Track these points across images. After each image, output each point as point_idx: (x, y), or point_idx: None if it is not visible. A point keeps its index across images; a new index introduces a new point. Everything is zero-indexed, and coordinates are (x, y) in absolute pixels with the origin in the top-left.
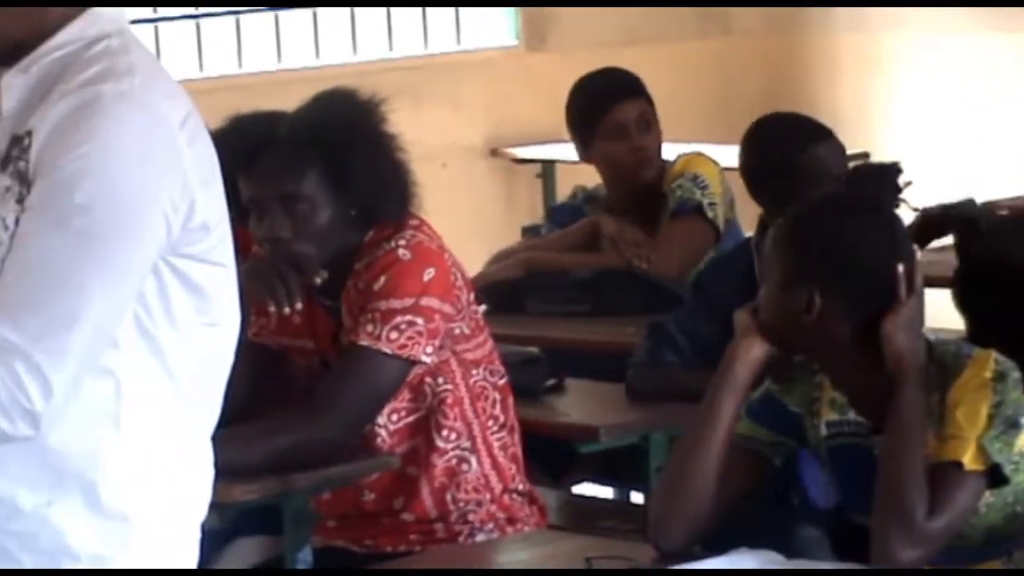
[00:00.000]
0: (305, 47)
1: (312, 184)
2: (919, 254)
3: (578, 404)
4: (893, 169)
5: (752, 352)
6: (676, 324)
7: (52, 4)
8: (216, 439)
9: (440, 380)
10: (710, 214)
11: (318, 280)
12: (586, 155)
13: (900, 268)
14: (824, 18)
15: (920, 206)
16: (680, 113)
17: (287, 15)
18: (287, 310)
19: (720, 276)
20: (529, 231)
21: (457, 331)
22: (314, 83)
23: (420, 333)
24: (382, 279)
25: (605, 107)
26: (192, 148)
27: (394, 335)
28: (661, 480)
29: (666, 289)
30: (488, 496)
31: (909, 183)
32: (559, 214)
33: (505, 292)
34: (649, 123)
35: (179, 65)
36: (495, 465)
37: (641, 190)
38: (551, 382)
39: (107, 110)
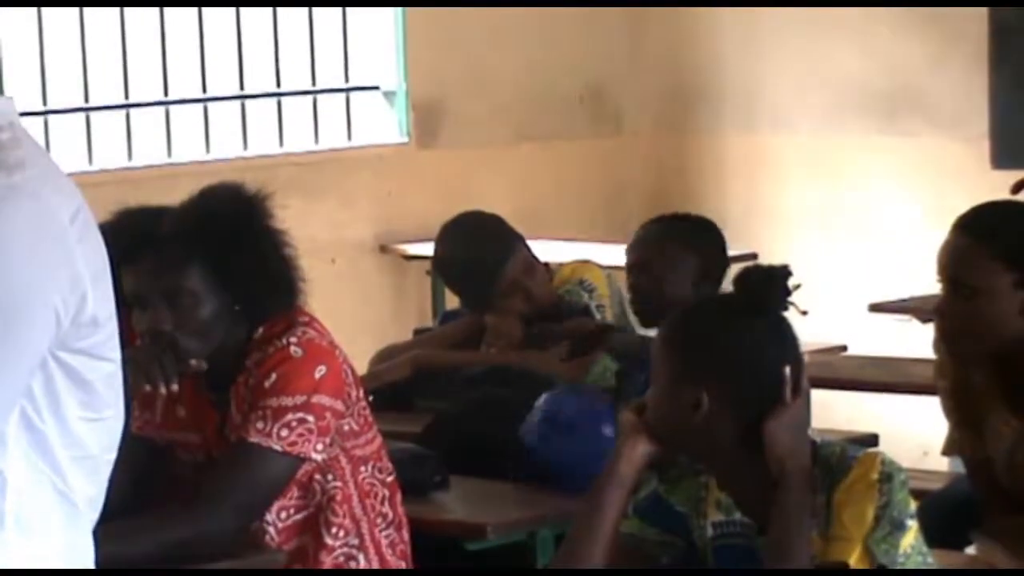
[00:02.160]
0: (195, 141)
1: (195, 279)
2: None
3: (465, 501)
4: (781, 272)
5: (637, 450)
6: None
7: None
8: (99, 533)
9: (329, 477)
10: (597, 316)
11: (194, 363)
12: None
13: (787, 370)
14: (713, 119)
15: (807, 309)
16: (569, 211)
17: (176, 109)
18: (163, 390)
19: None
20: (421, 333)
21: (347, 428)
22: (204, 177)
23: (311, 431)
24: (273, 376)
25: (494, 275)
26: (82, 243)
27: (284, 432)
28: None
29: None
30: None
31: (798, 286)
32: (451, 318)
33: (394, 391)
34: (532, 265)
35: (69, 158)
36: (383, 562)
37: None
38: (438, 478)
39: None
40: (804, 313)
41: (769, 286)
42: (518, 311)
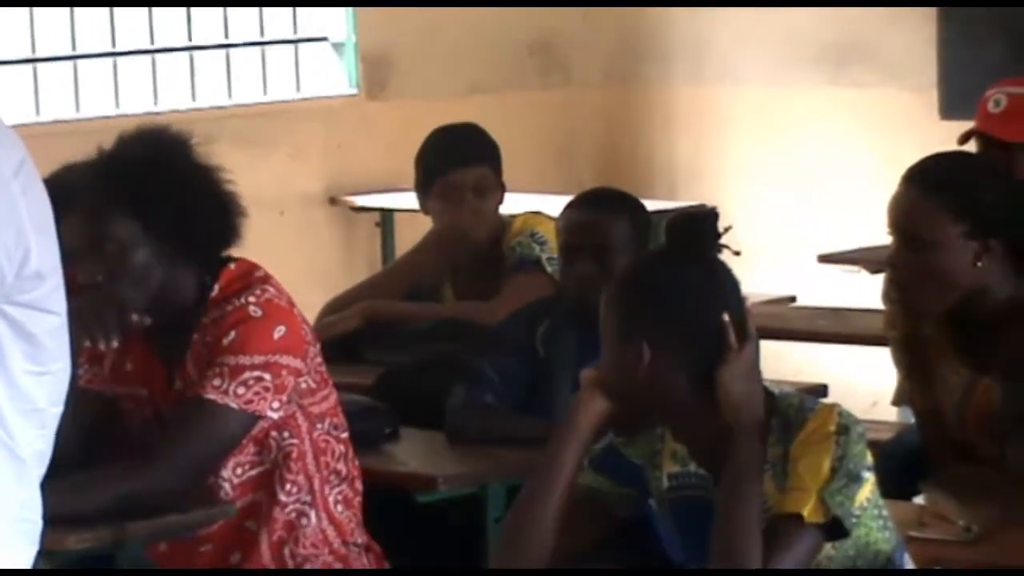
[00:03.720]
0: (143, 93)
1: (118, 226)
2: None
3: (416, 453)
4: (710, 215)
5: (593, 405)
6: (492, 365)
7: None
8: (47, 487)
9: (286, 434)
10: (548, 268)
11: (136, 319)
12: (423, 208)
13: (726, 316)
14: (663, 71)
15: (741, 251)
16: (519, 163)
17: (124, 61)
18: (102, 346)
19: (525, 322)
20: None
21: (303, 385)
22: None
23: (267, 388)
24: (232, 334)
25: (441, 169)
26: (26, 196)
27: (241, 390)
28: (502, 530)
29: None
30: (326, 550)
31: (728, 228)
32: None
33: (344, 342)
34: (485, 190)
35: (15, 110)
36: (332, 519)
37: (475, 250)
38: (388, 430)
39: None
40: (737, 254)
41: (698, 229)
42: (455, 222)
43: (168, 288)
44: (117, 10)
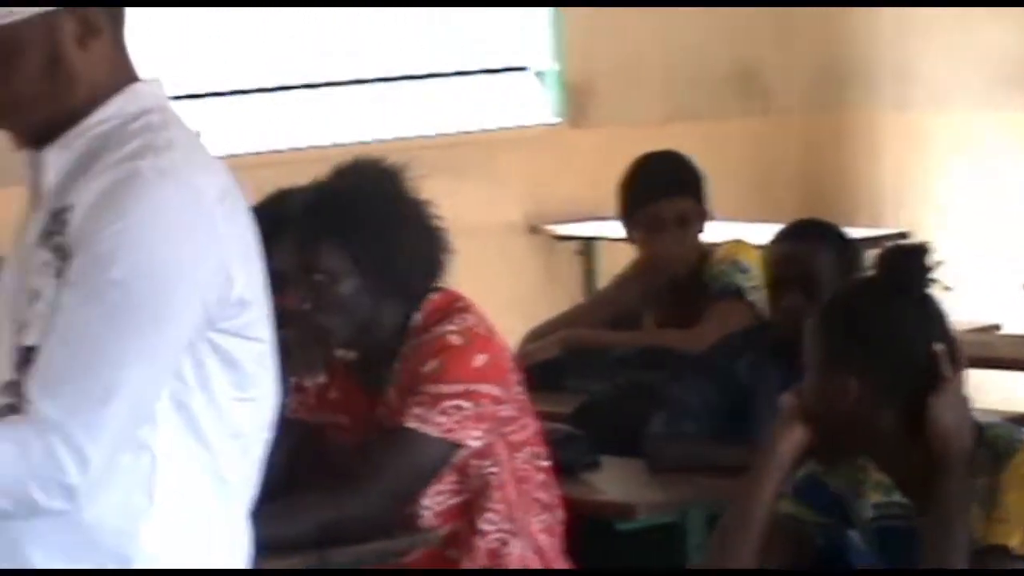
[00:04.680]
0: (350, 123)
1: (329, 256)
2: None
3: (615, 482)
4: (922, 249)
5: (793, 434)
6: (692, 393)
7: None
8: (254, 514)
9: (487, 463)
10: (750, 297)
11: (341, 353)
12: (628, 236)
13: (937, 347)
14: (866, 96)
15: (953, 286)
16: (720, 191)
17: (331, 91)
18: (307, 384)
19: (727, 351)
20: None
21: (504, 413)
22: None
23: (468, 417)
24: (433, 363)
25: (645, 199)
26: (229, 224)
27: (442, 419)
28: (705, 558)
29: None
30: None
31: (940, 263)
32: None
33: (545, 370)
34: (688, 220)
35: (220, 140)
36: (536, 547)
37: (676, 278)
38: (589, 459)
39: (145, 186)
40: (948, 289)
41: (911, 264)
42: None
43: (372, 320)
44: (323, 41)
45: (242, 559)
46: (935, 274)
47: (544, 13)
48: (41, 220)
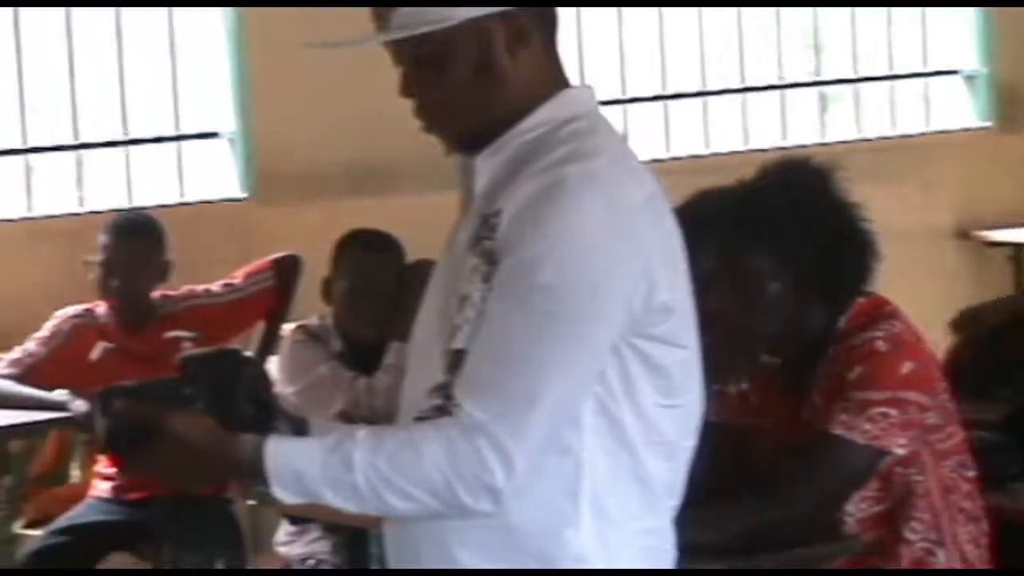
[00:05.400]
0: (772, 127)
1: (754, 257)
2: None
3: None
4: None
5: None
6: None
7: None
8: (677, 519)
9: (911, 471)
10: None
11: (765, 359)
12: None
13: None
14: None
15: None
16: None
17: (753, 96)
18: (732, 390)
19: None
20: None
21: (930, 422)
22: None
23: (894, 424)
24: (858, 369)
25: None
26: (654, 229)
27: (868, 426)
28: None
29: None
30: None
31: None
32: None
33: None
34: None
35: (647, 146)
36: (964, 559)
37: None
38: (1016, 469)
39: (572, 192)
40: None
41: None
42: None
43: (795, 323)
44: (746, 47)
45: (667, 565)
46: None
47: (972, 16)
48: (471, 225)
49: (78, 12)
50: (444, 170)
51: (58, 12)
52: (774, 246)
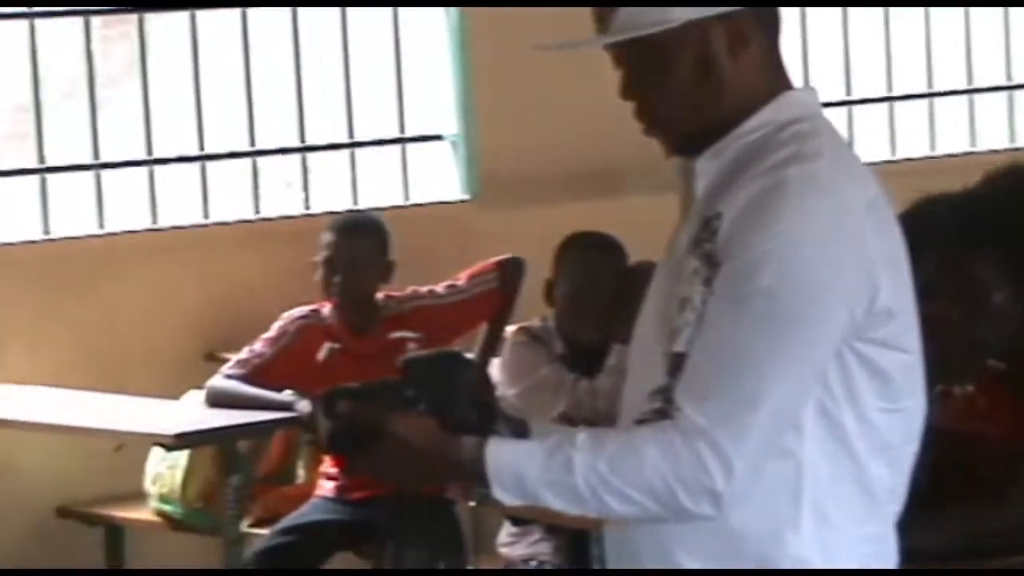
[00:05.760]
0: (999, 130)
1: (979, 264)
2: None
3: None
4: None
5: None
6: None
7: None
8: (899, 524)
9: None
10: None
11: (992, 364)
12: None
13: None
14: None
15: None
16: None
17: (981, 98)
18: (956, 390)
19: None
20: None
21: None
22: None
23: None
24: None
25: None
26: (876, 233)
27: None
28: None
29: None
30: None
31: None
32: None
33: None
34: None
35: (871, 148)
36: None
37: None
38: None
39: (793, 194)
40: None
41: None
42: None
43: (1021, 330)
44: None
45: (890, 567)
46: None
47: None
48: (692, 228)
49: (305, 13)
50: (666, 172)
51: (285, 13)
52: (999, 254)
